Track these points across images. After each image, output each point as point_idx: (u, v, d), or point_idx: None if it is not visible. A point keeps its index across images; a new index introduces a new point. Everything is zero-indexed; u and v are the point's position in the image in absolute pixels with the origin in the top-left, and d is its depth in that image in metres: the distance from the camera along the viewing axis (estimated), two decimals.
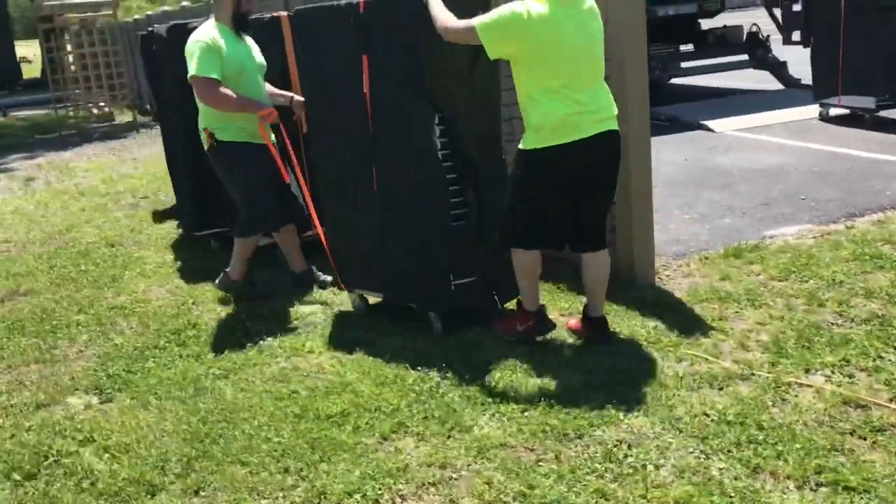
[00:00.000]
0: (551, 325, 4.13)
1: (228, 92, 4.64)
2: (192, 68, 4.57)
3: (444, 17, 3.70)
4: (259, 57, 4.97)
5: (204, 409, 3.77)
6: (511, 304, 4.33)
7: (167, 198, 8.63)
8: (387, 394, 3.70)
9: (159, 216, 7.82)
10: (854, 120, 9.12)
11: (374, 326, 4.54)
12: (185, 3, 14.20)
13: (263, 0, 7.96)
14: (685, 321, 4.16)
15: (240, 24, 4.82)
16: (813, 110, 9.80)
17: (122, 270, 6.11)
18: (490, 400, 3.55)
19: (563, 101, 3.59)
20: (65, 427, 3.73)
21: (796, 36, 11.74)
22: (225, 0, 4.76)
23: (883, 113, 8.82)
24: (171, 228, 7.25)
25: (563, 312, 4.50)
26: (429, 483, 3.02)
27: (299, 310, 4.94)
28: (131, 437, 3.57)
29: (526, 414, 3.41)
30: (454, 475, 3.05)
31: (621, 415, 3.32)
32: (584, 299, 4.19)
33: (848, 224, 5.55)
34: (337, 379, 3.93)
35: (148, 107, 16.61)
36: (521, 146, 3.78)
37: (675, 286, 4.72)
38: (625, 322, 4.23)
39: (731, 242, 5.42)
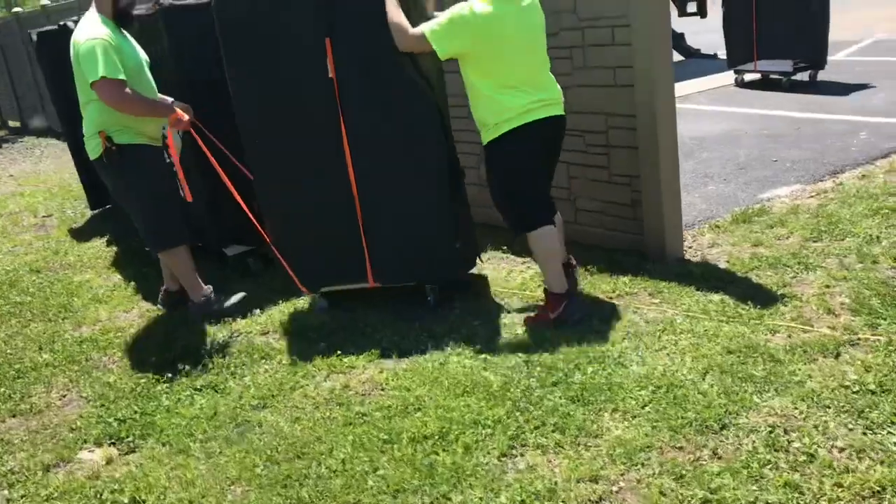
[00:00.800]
0: (587, 306, 4.07)
1: (138, 94, 4.22)
2: (100, 69, 4.02)
3: (399, 25, 3.80)
4: (144, 54, 4.51)
5: (265, 447, 3.23)
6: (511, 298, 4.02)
7: (76, 213, 7.74)
8: (476, 404, 3.30)
9: (80, 234, 6.96)
10: (768, 84, 9.39)
11: (371, 324, 4.29)
12: (45, 2, 12.89)
13: None
14: (750, 291, 3.98)
15: (123, 18, 4.35)
16: (725, 77, 10.02)
17: (69, 298, 5.33)
18: (597, 397, 3.22)
19: (516, 96, 3.76)
20: (98, 491, 3.10)
21: (692, 7, 12.02)
22: None
23: (796, 76, 9.11)
24: (101, 247, 6.44)
25: (609, 295, 4.22)
26: (591, 501, 2.65)
27: (297, 318, 4.42)
28: (193, 493, 3.00)
29: (646, 409, 3.11)
30: (614, 489, 2.70)
31: (754, 397, 3.07)
32: (624, 278, 4.33)
33: (836, 181, 5.58)
34: (404, 394, 3.48)
35: (9, 120, 15.10)
36: (484, 142, 3.93)
37: (710, 256, 4.55)
38: (688, 298, 4.00)
39: (730, 208, 5.33)
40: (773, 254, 4.40)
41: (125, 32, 4.38)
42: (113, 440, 3.50)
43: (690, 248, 4.74)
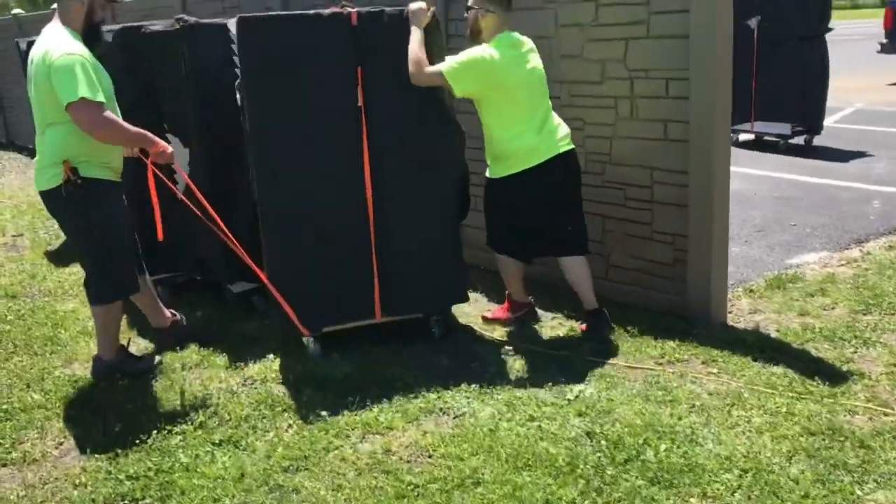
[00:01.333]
0: (537, 316, 4.62)
1: (121, 121, 3.77)
2: (79, 89, 3.54)
3: (418, 60, 3.93)
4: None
5: None
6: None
7: (49, 234, 7.25)
8: (542, 480, 2.99)
9: (57, 258, 6.48)
10: (763, 146, 9.38)
11: (395, 373, 4.03)
12: (17, 11, 12.36)
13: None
14: (812, 366, 3.78)
15: (93, 35, 3.91)
16: None
17: (55, 330, 4.88)
18: (680, 479, 2.94)
19: (525, 134, 4.03)
20: None
21: None
22: (73, 5, 3.79)
23: (792, 139, 9.12)
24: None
25: (658, 360, 3.98)
26: None
27: (316, 365, 4.07)
28: None
29: (736, 495, 2.84)
30: None
31: (855, 489, 2.83)
32: (670, 342, 4.16)
33: (863, 250, 5.47)
34: (458, 464, 3.16)
35: None
36: (490, 175, 4.24)
37: (756, 323, 4.34)
38: (748, 370, 3.78)
39: (760, 271, 5.17)
40: (824, 325, 4.22)
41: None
42: (127, 501, 3.09)
43: (730, 312, 4.53)
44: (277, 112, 4.01)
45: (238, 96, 4.24)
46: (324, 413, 3.64)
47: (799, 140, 9.17)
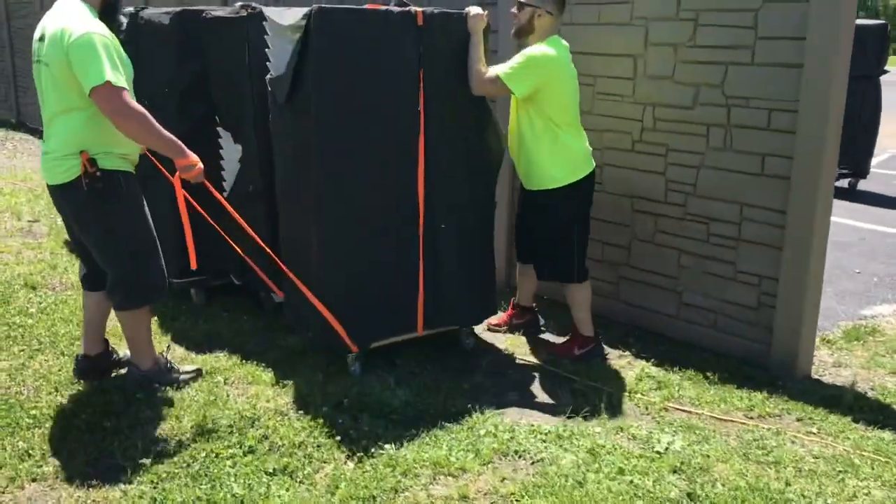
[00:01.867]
0: (603, 351, 4.36)
1: (151, 117, 3.32)
2: (105, 72, 3.14)
3: (478, 69, 3.85)
4: None
5: None
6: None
7: None
8: None
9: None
10: None
11: (452, 400, 3.70)
12: None
13: None
14: None
15: (111, 13, 3.50)
16: None
17: (79, 327, 4.49)
18: None
19: (578, 136, 4.03)
20: None
21: None
22: None
23: (836, 182, 8.83)
24: None
25: (747, 413, 3.66)
26: None
27: (370, 389, 3.73)
28: None
29: None
30: None
31: None
32: (756, 394, 3.84)
33: None
34: None
35: None
36: (550, 185, 4.01)
37: (843, 378, 4.03)
38: (852, 432, 3.46)
39: (833, 321, 4.87)
40: None
41: None
42: None
43: (812, 364, 4.21)
44: (344, 112, 3.73)
45: (270, 91, 3.94)
46: (387, 446, 3.30)
47: (843, 183, 8.90)
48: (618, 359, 4.30)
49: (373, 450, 3.28)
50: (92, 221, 3.47)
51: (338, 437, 3.37)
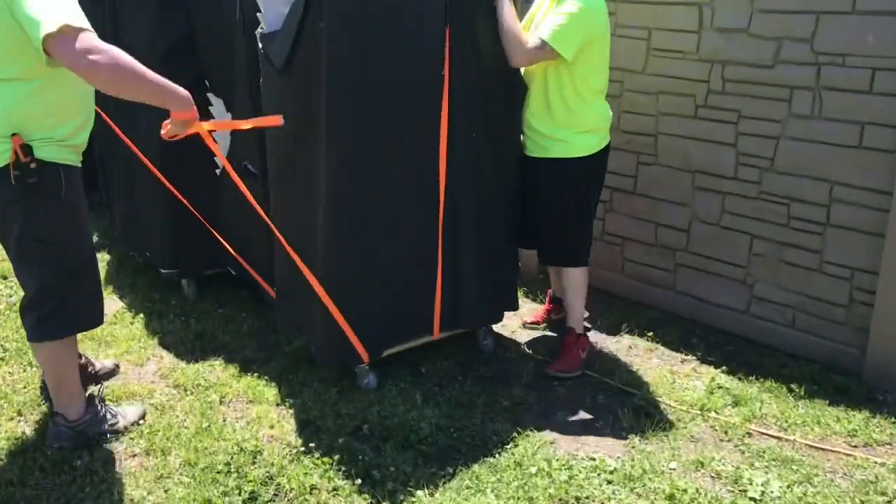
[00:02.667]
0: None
1: (130, 59, 2.47)
2: (60, 14, 2.36)
3: (517, 35, 3.25)
4: None
5: None
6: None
7: None
8: None
9: None
10: None
11: (488, 424, 2.90)
12: None
13: None
14: None
15: None
16: None
17: None
18: None
19: (604, 103, 3.45)
20: None
21: None
22: None
23: None
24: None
25: (849, 441, 3.04)
26: None
27: (390, 410, 3.11)
28: None
29: None
30: None
31: None
32: (855, 413, 3.19)
33: None
34: None
35: None
36: (566, 154, 3.39)
37: None
38: None
39: None
40: None
41: None
42: None
43: None
44: (360, 81, 3.05)
45: (264, 52, 3.25)
46: (419, 492, 2.69)
47: None
48: (681, 364, 3.67)
49: (401, 496, 2.67)
50: (16, 223, 2.64)
51: (358, 480, 2.76)
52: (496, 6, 3.24)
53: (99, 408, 3.02)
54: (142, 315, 4.05)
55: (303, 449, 2.94)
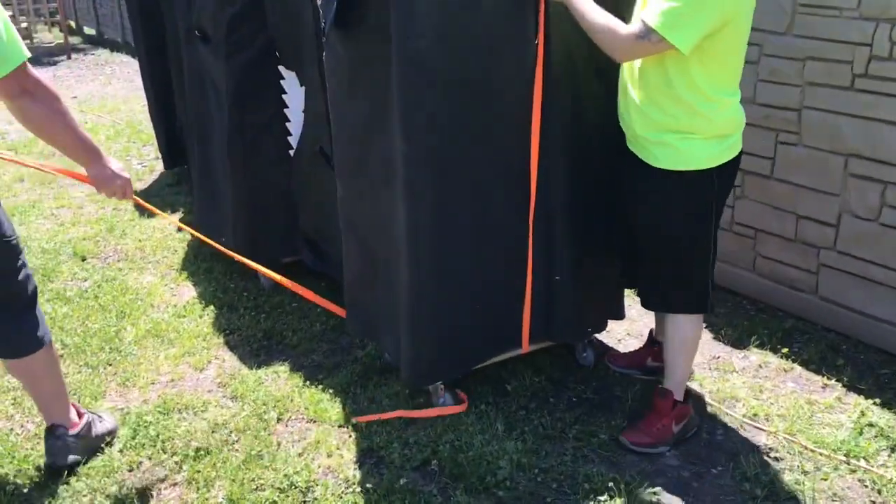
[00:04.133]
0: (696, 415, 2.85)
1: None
2: (22, 49, 2.20)
3: (607, 26, 2.35)
4: None
5: None
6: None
7: (143, 166, 6.08)
8: None
9: (144, 198, 5.26)
10: None
11: (578, 463, 2.34)
12: None
13: None
14: None
15: None
16: None
17: (119, 323, 3.64)
18: None
19: (736, 102, 2.50)
20: None
21: None
22: None
23: None
24: (169, 231, 4.72)
25: None
26: None
27: (460, 440, 2.64)
28: None
29: None
30: None
31: None
32: None
33: None
34: None
35: (85, 26, 13.61)
36: (683, 166, 2.46)
37: None
38: None
39: None
40: None
41: None
42: None
43: None
44: (440, 50, 2.52)
45: (323, 22, 2.76)
46: None
47: None
48: (822, 391, 3.04)
49: None
50: None
51: None
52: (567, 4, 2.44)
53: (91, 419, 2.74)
54: (212, 307, 3.75)
55: (359, 488, 2.54)
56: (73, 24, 13.99)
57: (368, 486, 2.54)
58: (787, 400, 2.97)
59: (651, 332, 3.18)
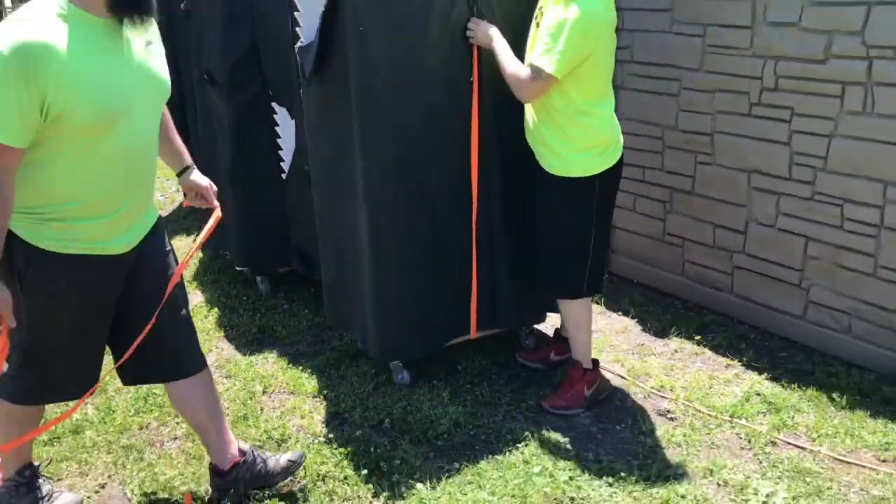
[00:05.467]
0: (607, 380, 3.44)
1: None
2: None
3: (516, 75, 2.98)
4: (161, 69, 2.42)
5: None
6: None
7: (165, 196, 6.74)
8: None
9: (168, 222, 5.91)
10: None
11: (506, 421, 2.88)
12: None
13: None
14: None
15: (125, 4, 2.17)
16: None
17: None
18: None
19: (611, 115, 3.09)
20: None
21: None
22: None
23: None
24: (184, 248, 5.38)
25: (882, 455, 2.88)
26: None
27: (406, 401, 3.21)
28: None
29: None
30: None
31: None
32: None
33: None
34: None
35: None
36: (568, 173, 3.06)
37: None
38: None
39: None
40: None
41: (128, 31, 2.23)
42: None
43: None
44: (387, 81, 3.14)
45: (300, 64, 3.41)
46: (419, 486, 2.80)
47: None
48: (724, 369, 3.58)
49: (403, 489, 2.79)
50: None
51: (365, 471, 2.89)
52: (491, 48, 3.06)
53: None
54: (216, 309, 4.37)
55: (324, 439, 3.11)
56: None
57: (332, 437, 3.12)
58: (692, 376, 3.51)
59: (556, 331, 3.72)
